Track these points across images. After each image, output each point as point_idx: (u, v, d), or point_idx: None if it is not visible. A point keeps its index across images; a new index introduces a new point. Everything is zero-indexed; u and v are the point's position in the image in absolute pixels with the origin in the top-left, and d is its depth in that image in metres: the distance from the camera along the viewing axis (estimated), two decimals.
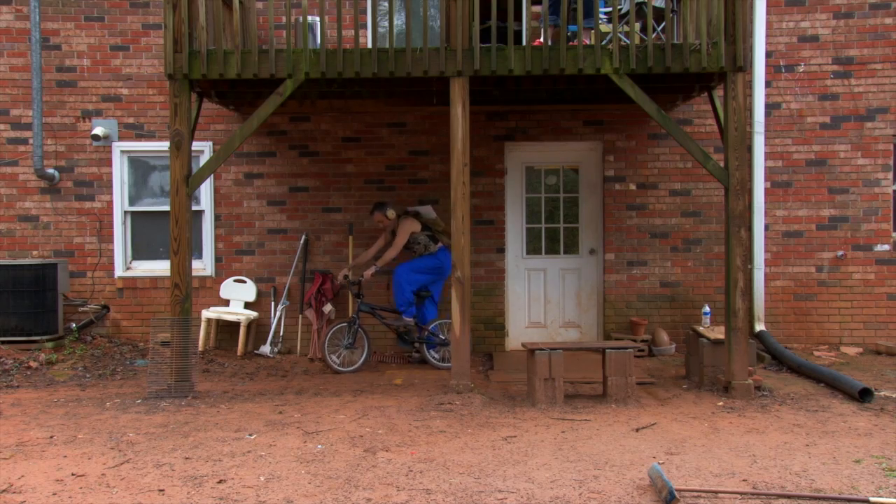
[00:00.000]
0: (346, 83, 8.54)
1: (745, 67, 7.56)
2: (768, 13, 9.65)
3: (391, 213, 9.19)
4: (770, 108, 9.80)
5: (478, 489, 5.00)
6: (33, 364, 8.78)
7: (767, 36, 9.64)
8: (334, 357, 9.08)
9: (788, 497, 4.83)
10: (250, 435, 6.29)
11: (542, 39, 7.84)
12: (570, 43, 7.76)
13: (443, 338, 9.23)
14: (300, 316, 9.84)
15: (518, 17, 8.97)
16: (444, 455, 5.74)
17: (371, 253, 9.35)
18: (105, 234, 9.98)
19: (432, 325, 9.29)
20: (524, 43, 7.98)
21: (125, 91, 9.93)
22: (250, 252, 10.00)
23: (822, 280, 9.96)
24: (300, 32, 8.29)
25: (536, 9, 9.30)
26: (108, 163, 9.96)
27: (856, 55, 9.86)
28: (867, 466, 5.46)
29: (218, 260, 10.00)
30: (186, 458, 5.66)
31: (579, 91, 9.06)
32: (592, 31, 7.81)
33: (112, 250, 9.98)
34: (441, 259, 9.24)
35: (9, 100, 9.91)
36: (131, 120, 9.95)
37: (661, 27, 8.22)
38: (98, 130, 9.77)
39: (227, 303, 9.86)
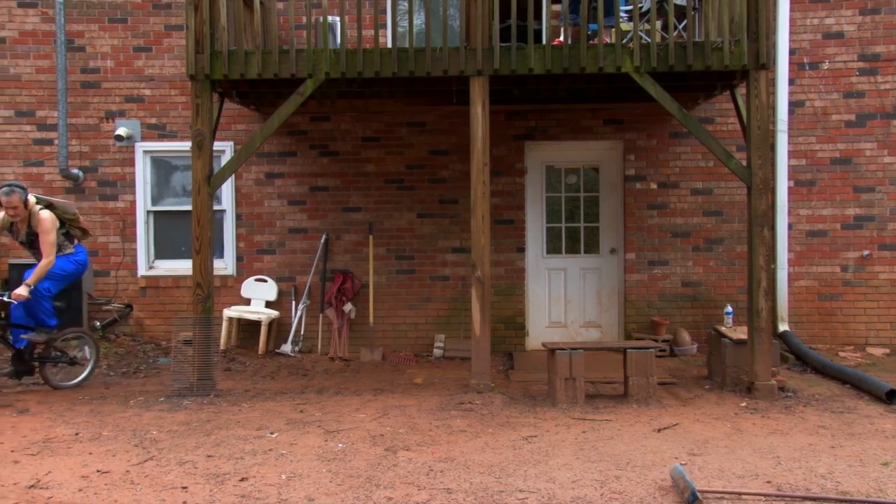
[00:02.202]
0: (365, 83, 8.55)
1: (768, 65, 7.49)
2: (792, 10, 9.56)
3: (30, 201, 7.73)
4: (794, 105, 9.70)
5: (498, 489, 4.99)
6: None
7: (791, 33, 9.55)
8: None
9: (814, 500, 4.78)
10: (272, 433, 6.32)
11: (562, 38, 7.82)
12: (591, 41, 7.73)
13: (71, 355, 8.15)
14: (321, 315, 9.87)
15: (538, 16, 8.96)
16: (465, 454, 5.74)
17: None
18: (128, 234, 10.07)
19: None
20: (544, 42, 7.96)
21: (148, 92, 10.01)
22: (271, 251, 10.05)
23: (847, 280, 9.85)
24: (320, 32, 8.30)
25: (556, 7, 9.26)
26: (131, 163, 10.04)
27: (882, 52, 9.74)
28: (895, 469, 5.40)
29: (239, 259, 10.05)
30: (209, 456, 5.70)
31: (599, 90, 9.02)
32: (613, 30, 7.78)
33: (135, 249, 10.07)
34: (83, 260, 8.12)
35: (35, 101, 10.02)
36: (154, 120, 10.03)
37: (682, 25, 8.17)
38: (121, 131, 9.86)
39: (248, 302, 9.91)
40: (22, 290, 7.53)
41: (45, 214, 7.64)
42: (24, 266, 9.41)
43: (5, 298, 7.50)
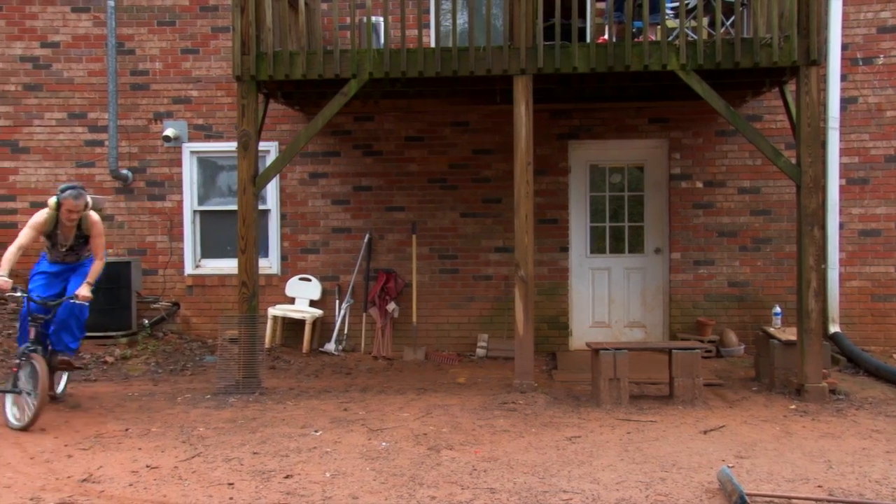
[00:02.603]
0: (409, 82, 8.57)
1: (819, 61, 7.34)
2: (845, 4, 9.35)
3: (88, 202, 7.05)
4: (846, 102, 9.49)
5: (542, 489, 4.96)
6: (109, 359, 9.05)
7: (843, 27, 9.34)
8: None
9: None
10: (316, 431, 6.37)
11: (606, 36, 7.75)
12: (636, 39, 7.65)
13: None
14: (364, 314, 9.93)
15: (582, 14, 8.89)
16: (508, 454, 5.72)
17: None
18: (175, 233, 10.23)
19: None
20: (588, 40, 7.89)
21: (195, 93, 10.16)
22: (315, 251, 10.13)
23: None
24: (364, 33, 8.35)
25: (601, 5, 9.18)
26: (179, 163, 10.21)
27: None
28: None
29: (284, 258, 10.15)
30: (254, 453, 5.76)
31: (644, 88, 8.92)
32: (658, 27, 7.69)
33: (182, 249, 10.23)
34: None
35: (87, 103, 10.23)
36: (200, 121, 10.18)
37: (729, 21, 8.04)
38: (169, 132, 10.02)
39: (292, 301, 10.01)
40: (86, 291, 6.91)
41: (96, 216, 7.17)
42: None
43: (73, 300, 6.82)
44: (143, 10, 10.14)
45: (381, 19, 8.09)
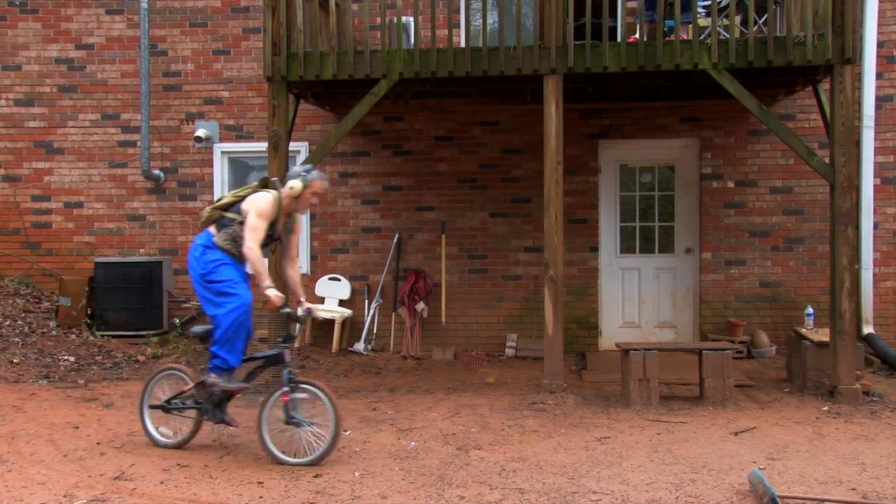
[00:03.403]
0: (439, 82, 8.58)
1: (853, 59, 7.24)
2: (881, 1, 9.19)
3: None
4: (881, 101, 9.35)
5: (571, 490, 4.95)
6: (141, 358, 9.16)
7: (879, 25, 9.19)
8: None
9: None
10: (345, 431, 6.39)
11: (637, 35, 7.70)
12: (667, 38, 7.59)
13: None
14: (393, 314, 9.96)
15: (613, 14, 8.82)
16: (537, 455, 5.71)
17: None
18: None
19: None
20: (619, 39, 7.85)
21: (226, 94, 10.26)
22: (345, 250, 10.18)
23: None
24: (394, 33, 8.38)
25: (632, 4, 9.13)
26: (210, 163, 10.30)
27: None
28: None
29: (313, 258, 10.21)
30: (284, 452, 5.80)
31: (675, 87, 8.85)
32: (690, 26, 7.62)
33: None
34: None
35: (120, 104, 10.37)
36: (231, 122, 10.27)
37: (762, 20, 7.95)
38: (200, 132, 10.12)
39: (322, 300, 10.06)
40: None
41: None
42: (112, 265, 9.77)
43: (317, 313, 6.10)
44: (176, 11, 10.25)
45: (412, 19, 8.10)
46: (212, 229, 5.86)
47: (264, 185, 5.89)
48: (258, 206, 5.66)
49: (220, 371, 5.68)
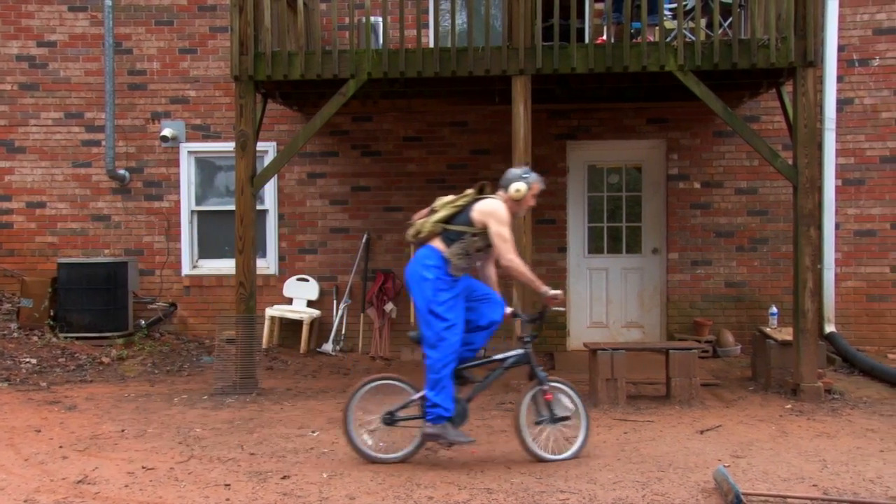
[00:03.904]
0: (408, 83, 8.58)
1: (815, 62, 7.36)
2: (841, 6, 9.36)
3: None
4: (842, 103, 9.51)
5: (539, 489, 4.97)
6: (105, 360, 9.04)
7: (840, 29, 9.36)
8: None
9: None
10: (313, 432, 6.37)
11: (605, 37, 7.76)
12: (634, 40, 7.66)
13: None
14: (362, 315, 9.93)
15: (581, 15, 8.89)
16: (505, 454, 5.73)
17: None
18: (173, 233, 10.22)
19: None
20: (587, 41, 7.91)
21: (192, 93, 10.16)
22: (313, 251, 10.13)
23: None
24: (363, 33, 8.36)
25: (599, 6, 9.18)
26: (176, 163, 10.20)
27: None
28: None
29: (281, 259, 10.15)
30: (251, 454, 5.76)
31: (643, 88, 8.93)
32: (657, 28, 7.70)
33: (179, 249, 10.22)
34: None
35: (84, 103, 10.22)
36: (198, 121, 10.17)
37: (727, 23, 8.05)
38: (166, 132, 10.01)
39: (290, 301, 10.00)
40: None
41: None
42: (76, 266, 9.62)
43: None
44: (141, 9, 10.13)
45: (380, 19, 8.09)
46: (437, 245, 5.51)
47: (481, 190, 5.66)
48: (498, 214, 5.46)
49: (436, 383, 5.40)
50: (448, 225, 5.52)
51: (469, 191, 5.67)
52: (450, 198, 5.67)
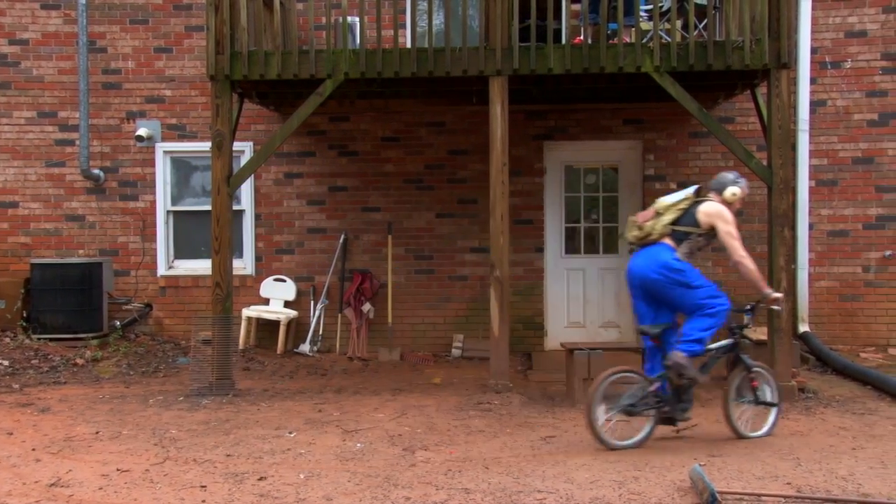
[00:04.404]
0: (385, 83, 8.57)
1: (789, 64, 7.44)
2: (814, 8, 9.45)
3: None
4: (815, 105, 9.61)
5: (517, 489, 4.98)
6: (80, 361, 8.95)
7: (813, 32, 9.45)
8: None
9: (834, 502, 4.73)
10: (290, 433, 6.34)
11: (581, 38, 7.79)
12: (611, 41, 7.70)
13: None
14: (339, 315, 9.90)
15: (557, 16, 8.91)
16: (483, 454, 5.74)
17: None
18: (148, 234, 10.14)
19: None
20: (564, 41, 7.94)
21: (168, 92, 10.08)
22: (290, 251, 10.09)
23: (868, 280, 9.75)
24: (340, 33, 8.33)
25: (576, 7, 9.22)
26: (152, 163, 10.12)
27: None
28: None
29: (258, 259, 10.10)
30: (227, 456, 5.73)
31: (619, 89, 8.98)
32: (633, 29, 7.74)
33: (155, 249, 10.14)
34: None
35: (57, 102, 10.11)
36: (174, 121, 10.10)
37: (702, 24, 8.12)
38: (142, 131, 9.93)
39: (267, 302, 9.96)
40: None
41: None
42: (49, 266, 9.51)
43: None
44: (115, 7, 10.04)
45: (357, 19, 8.07)
46: (670, 243, 6.05)
47: (699, 193, 6.20)
48: (725, 216, 6.03)
49: (692, 354, 5.94)
50: (676, 226, 6.09)
51: (685, 192, 6.22)
52: (670, 200, 6.22)
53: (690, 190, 6.26)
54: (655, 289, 6.04)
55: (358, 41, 7.94)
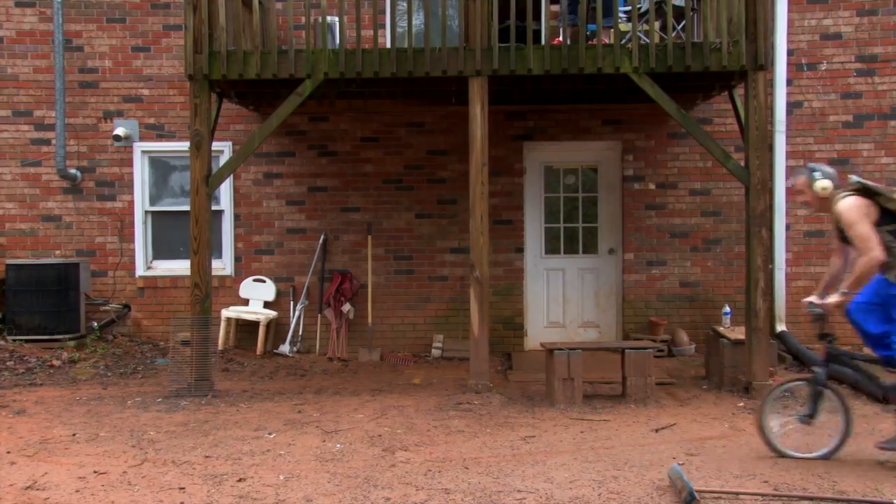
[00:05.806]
0: (364, 83, 8.55)
1: (766, 66, 7.50)
2: (790, 11, 9.54)
3: (820, 185, 5.98)
4: (791, 106, 9.70)
5: (496, 489, 4.99)
6: (56, 362, 8.86)
7: (789, 34, 9.54)
8: (776, 427, 5.84)
9: (811, 499, 4.78)
10: (270, 434, 6.31)
11: (560, 39, 7.82)
12: (589, 42, 7.73)
13: None
14: (319, 315, 9.87)
15: (537, 17, 8.94)
16: (463, 455, 5.74)
17: (838, 265, 6.21)
18: (126, 234, 10.06)
19: None
20: (543, 42, 7.97)
21: (146, 92, 10.01)
22: (269, 252, 10.05)
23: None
24: (319, 33, 8.31)
25: (555, 8, 9.26)
26: (129, 163, 10.04)
27: (880, 53, 9.75)
28: (892, 469, 5.40)
29: (237, 259, 10.05)
30: (206, 457, 5.70)
31: (598, 90, 9.02)
32: (611, 30, 7.78)
33: (133, 250, 10.06)
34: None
35: (32, 101, 10.01)
36: (152, 120, 10.02)
37: (681, 26, 8.17)
38: (119, 131, 9.85)
39: (246, 302, 9.91)
40: (834, 297, 5.92)
41: (840, 200, 5.92)
42: (25, 267, 9.41)
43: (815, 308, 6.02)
44: (92, 6, 9.95)
45: (337, 19, 8.06)
46: None
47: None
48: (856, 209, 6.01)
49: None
50: None
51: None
52: None
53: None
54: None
55: (337, 41, 7.93)
